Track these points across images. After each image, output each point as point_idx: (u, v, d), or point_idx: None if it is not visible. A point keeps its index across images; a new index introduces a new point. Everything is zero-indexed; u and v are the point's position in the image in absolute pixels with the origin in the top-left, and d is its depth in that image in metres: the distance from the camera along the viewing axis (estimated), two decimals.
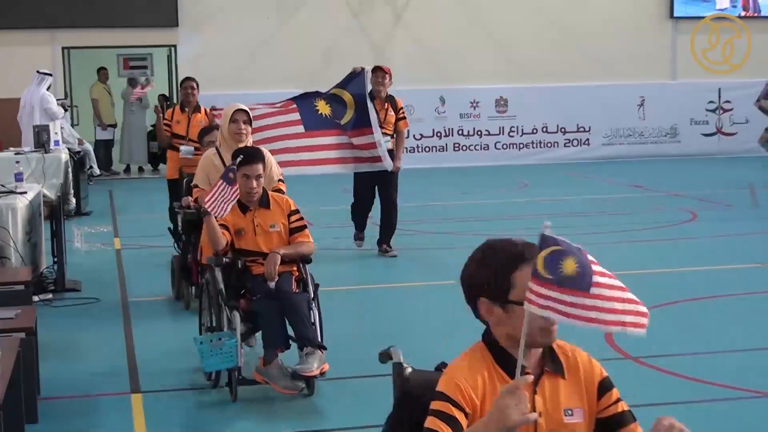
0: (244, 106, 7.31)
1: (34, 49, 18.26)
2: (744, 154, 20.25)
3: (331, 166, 9.79)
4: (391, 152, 10.18)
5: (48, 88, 14.49)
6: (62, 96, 17.47)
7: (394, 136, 10.44)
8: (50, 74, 14.82)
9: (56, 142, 12.95)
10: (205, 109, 10.46)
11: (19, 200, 8.36)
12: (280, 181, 7.32)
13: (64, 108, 15.21)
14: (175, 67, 19.32)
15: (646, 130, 20.49)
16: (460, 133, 19.76)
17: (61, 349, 7.20)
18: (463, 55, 19.62)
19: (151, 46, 19.80)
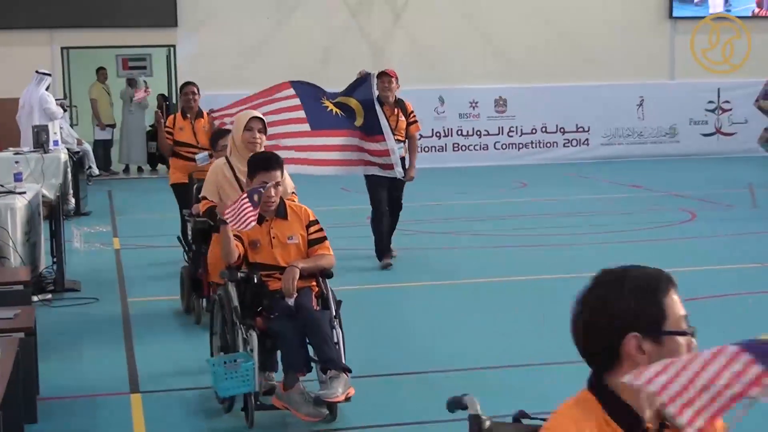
0: (259, 114, 6.78)
1: (33, 49, 18.25)
2: (743, 154, 20.25)
3: (340, 168, 9.11)
4: (403, 160, 9.69)
5: (47, 88, 14.49)
6: (61, 96, 17.47)
7: (407, 142, 9.96)
8: (49, 74, 14.81)
9: (55, 142, 12.95)
10: (206, 113, 10.09)
11: (18, 200, 8.35)
12: (293, 193, 6.71)
13: (63, 108, 15.20)
14: (174, 68, 19.33)
15: (645, 130, 20.49)
16: (460, 133, 19.76)
17: (60, 350, 7.18)
18: (463, 55, 19.62)
19: (150, 46, 19.79)
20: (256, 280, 5.68)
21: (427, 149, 19.32)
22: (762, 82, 16.17)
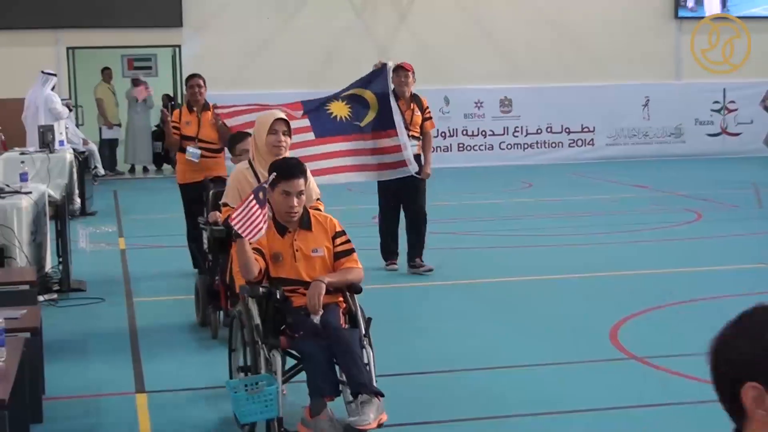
0: (283, 114, 6.28)
1: (39, 49, 18.29)
2: (749, 154, 20.23)
3: (351, 174, 8.69)
4: (417, 157, 9.33)
5: (52, 89, 14.50)
6: (67, 96, 17.48)
7: (421, 139, 9.68)
8: (54, 74, 14.82)
9: (61, 142, 12.95)
10: (212, 105, 9.67)
11: (24, 200, 8.33)
12: (318, 200, 6.24)
13: (69, 108, 15.21)
14: (179, 68, 19.35)
15: (651, 130, 20.46)
16: (465, 133, 19.75)
17: (66, 349, 7.17)
18: (468, 55, 19.61)
19: (155, 47, 19.81)
20: (278, 296, 5.23)
21: (432, 149, 19.29)
22: (766, 82, 16.16)
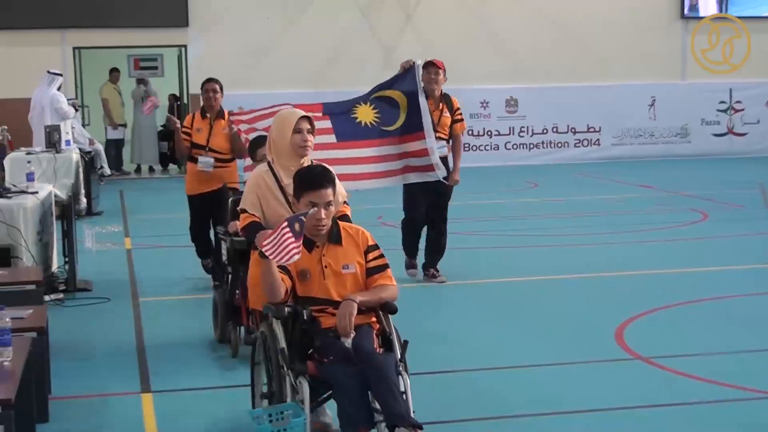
0: (307, 112, 5.78)
1: (45, 49, 18.31)
2: (755, 154, 20.19)
3: (374, 181, 8.18)
4: (443, 160, 8.75)
5: (59, 88, 14.52)
6: (73, 96, 17.49)
7: (450, 141, 9.16)
8: (60, 74, 14.85)
9: (67, 142, 12.98)
10: (227, 112, 8.99)
11: (31, 200, 8.34)
12: (345, 203, 5.65)
13: (75, 108, 15.23)
14: (185, 68, 19.36)
15: (657, 130, 20.43)
16: (470, 133, 19.73)
17: (72, 349, 7.18)
18: (473, 56, 19.58)
19: (162, 47, 19.81)
20: (306, 317, 4.80)
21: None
22: None
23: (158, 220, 13.54)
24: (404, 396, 4.65)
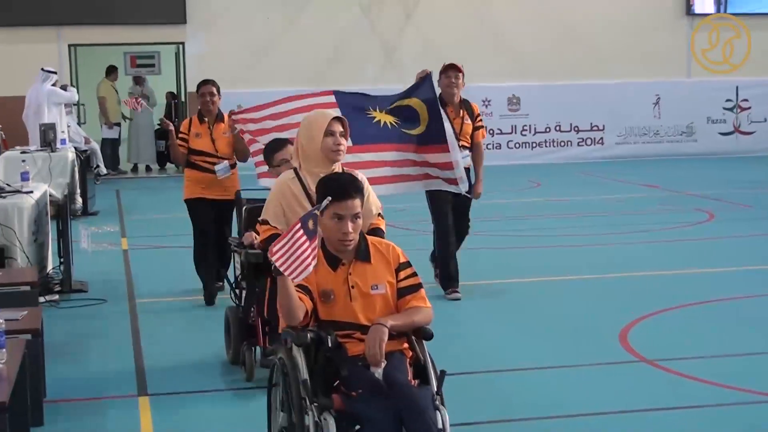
0: (339, 113, 5.38)
1: (41, 46, 18.24)
2: (762, 153, 20.14)
3: (393, 185, 7.46)
4: (467, 170, 8.22)
5: (53, 86, 14.49)
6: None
7: (471, 151, 8.57)
8: (55, 72, 14.83)
9: (63, 141, 12.88)
10: (226, 115, 8.34)
11: (26, 200, 8.30)
12: (379, 215, 5.27)
13: (65, 89, 15.17)
14: (182, 65, 19.28)
15: (662, 128, 20.35)
16: None
17: (67, 351, 7.13)
18: (475, 54, 19.46)
19: (159, 44, 19.74)
20: (330, 343, 4.23)
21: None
22: None
23: (155, 220, 13.51)
24: None
